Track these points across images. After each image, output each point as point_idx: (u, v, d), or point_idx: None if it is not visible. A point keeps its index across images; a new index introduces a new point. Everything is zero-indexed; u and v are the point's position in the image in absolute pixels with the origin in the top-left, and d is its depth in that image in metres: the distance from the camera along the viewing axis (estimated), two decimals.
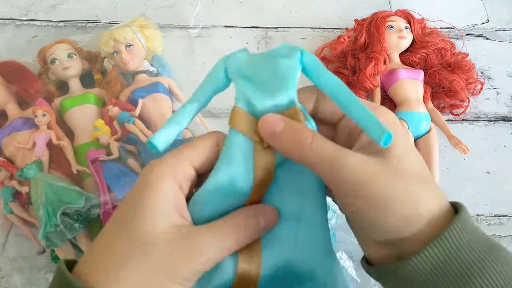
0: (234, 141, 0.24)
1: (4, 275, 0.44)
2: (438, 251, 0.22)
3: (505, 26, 0.67)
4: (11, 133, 0.48)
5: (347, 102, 0.23)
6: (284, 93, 0.24)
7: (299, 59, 0.24)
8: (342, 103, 0.24)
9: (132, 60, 0.52)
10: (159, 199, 0.22)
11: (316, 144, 0.23)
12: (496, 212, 0.50)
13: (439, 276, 0.22)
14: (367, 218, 0.23)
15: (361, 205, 0.22)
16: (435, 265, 0.22)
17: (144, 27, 0.55)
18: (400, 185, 0.22)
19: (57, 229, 0.41)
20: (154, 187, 0.23)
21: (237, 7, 0.66)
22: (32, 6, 0.64)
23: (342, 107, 0.23)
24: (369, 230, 0.24)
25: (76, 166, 0.46)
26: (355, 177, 0.22)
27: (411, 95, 0.54)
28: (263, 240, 0.26)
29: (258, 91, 0.24)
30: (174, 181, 0.23)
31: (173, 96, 0.54)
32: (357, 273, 0.45)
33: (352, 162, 0.22)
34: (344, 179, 0.22)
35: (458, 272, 0.21)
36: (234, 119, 0.24)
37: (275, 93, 0.24)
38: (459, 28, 0.65)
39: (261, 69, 0.24)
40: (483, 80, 0.59)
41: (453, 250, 0.22)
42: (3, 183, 0.45)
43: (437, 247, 0.22)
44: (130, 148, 0.48)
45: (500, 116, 0.58)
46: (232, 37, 0.62)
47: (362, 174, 0.22)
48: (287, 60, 0.24)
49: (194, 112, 0.26)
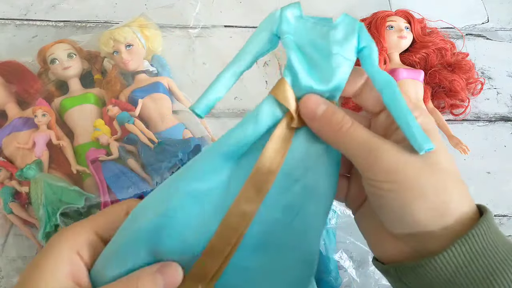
0: (266, 106, 0.25)
1: (4, 275, 0.44)
2: (465, 249, 0.22)
3: (505, 26, 0.66)
4: (11, 133, 0.48)
5: (393, 101, 0.24)
6: (331, 86, 0.24)
7: (355, 48, 0.24)
8: (387, 101, 0.24)
9: (132, 60, 0.52)
10: (53, 264, 0.23)
11: (354, 129, 0.23)
12: (496, 212, 0.50)
13: (462, 276, 0.22)
14: (397, 205, 0.23)
15: (394, 190, 0.22)
16: (460, 264, 0.22)
17: (144, 27, 0.55)
18: (434, 178, 0.22)
19: (57, 229, 0.41)
20: (51, 252, 0.24)
21: (237, 7, 0.66)
22: (32, 6, 0.64)
23: (389, 108, 0.24)
24: (396, 220, 0.24)
25: (76, 166, 0.46)
26: (391, 163, 0.22)
27: (411, 95, 0.54)
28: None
29: (308, 71, 0.24)
30: (72, 248, 0.24)
31: (173, 96, 0.54)
32: (357, 273, 0.45)
33: (389, 148, 0.23)
34: (379, 164, 0.22)
35: (482, 272, 0.21)
36: (277, 88, 0.25)
37: (323, 81, 0.24)
38: (459, 28, 0.65)
39: (315, 48, 0.24)
40: (483, 80, 0.59)
41: (479, 249, 0.22)
42: (3, 183, 0.45)
43: (464, 245, 0.22)
44: (130, 148, 0.48)
45: (500, 116, 0.57)
46: (232, 37, 0.62)
47: (397, 160, 0.22)
48: (342, 50, 0.24)
49: (235, 77, 0.26)
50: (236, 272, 0.26)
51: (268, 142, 0.25)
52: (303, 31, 0.25)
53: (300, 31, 0.25)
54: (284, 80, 0.24)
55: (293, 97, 0.24)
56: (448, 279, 0.22)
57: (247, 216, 0.25)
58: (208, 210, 0.25)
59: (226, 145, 0.25)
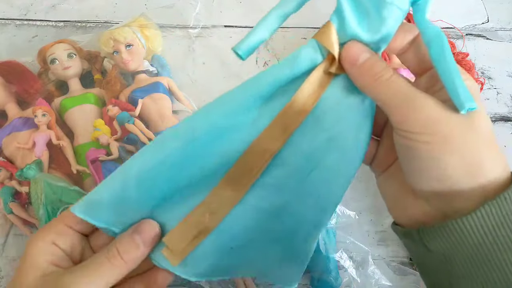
0: (307, 50, 0.25)
1: (4, 275, 0.44)
2: (495, 211, 0.21)
3: (505, 26, 0.66)
4: (11, 133, 0.48)
5: (440, 56, 0.23)
6: (378, 36, 0.24)
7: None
8: (434, 55, 0.23)
9: (132, 60, 0.52)
10: (33, 258, 0.26)
11: (394, 79, 0.23)
12: None
13: (490, 241, 0.21)
14: (431, 156, 0.22)
15: (430, 142, 0.22)
16: (489, 228, 0.21)
17: (144, 27, 0.55)
18: (472, 136, 0.22)
19: None
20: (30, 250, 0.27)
21: (237, 7, 0.66)
22: (32, 6, 0.64)
23: (436, 62, 0.23)
24: (426, 175, 0.23)
25: (76, 166, 0.46)
26: (430, 114, 0.22)
27: None
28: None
29: (358, 18, 0.24)
30: (47, 241, 0.27)
31: (173, 96, 0.54)
32: (357, 273, 0.45)
33: (429, 101, 0.22)
34: (418, 115, 0.22)
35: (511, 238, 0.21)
36: (323, 32, 0.25)
37: (371, 30, 0.24)
38: (459, 28, 0.65)
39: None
40: (483, 80, 0.59)
41: (510, 213, 0.21)
42: (2, 183, 0.45)
43: (496, 207, 0.21)
44: (130, 148, 0.48)
45: (500, 116, 0.57)
46: (232, 37, 0.62)
47: (437, 113, 0.22)
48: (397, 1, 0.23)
49: (280, 20, 0.26)
50: (247, 210, 0.27)
51: (304, 84, 0.25)
52: None
53: None
54: (330, 24, 0.24)
55: (337, 42, 0.24)
56: (474, 243, 0.21)
57: (267, 153, 0.25)
58: (232, 144, 0.26)
59: (259, 85, 0.25)
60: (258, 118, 0.26)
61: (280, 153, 0.26)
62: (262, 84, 0.25)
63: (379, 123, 0.25)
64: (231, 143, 0.26)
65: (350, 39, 0.24)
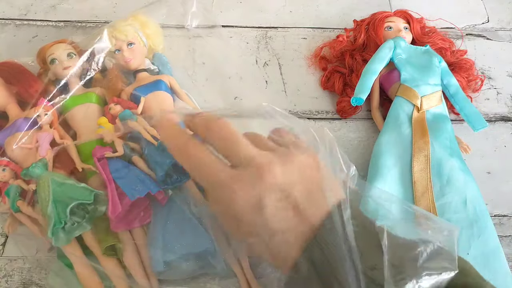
0: (400, 106, 0.51)
1: (4, 275, 0.44)
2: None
3: (505, 26, 0.67)
4: (14, 134, 0.47)
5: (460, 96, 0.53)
6: (434, 80, 0.52)
7: (439, 61, 0.54)
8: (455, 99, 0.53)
9: (134, 58, 0.52)
10: None
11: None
12: (496, 212, 0.50)
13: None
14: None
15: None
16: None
17: (145, 25, 0.55)
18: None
19: (65, 226, 0.40)
20: None
21: (237, 7, 0.66)
22: (32, 6, 0.64)
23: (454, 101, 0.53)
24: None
25: (81, 164, 0.46)
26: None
27: None
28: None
29: (417, 74, 0.52)
30: None
31: (174, 94, 0.54)
32: None
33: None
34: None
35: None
36: (402, 90, 0.51)
37: (429, 78, 0.52)
38: (459, 28, 0.65)
39: (417, 60, 0.54)
40: (483, 77, 0.59)
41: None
42: (8, 182, 0.45)
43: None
44: (134, 146, 0.48)
45: (500, 116, 0.58)
46: (232, 37, 0.63)
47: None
48: (434, 58, 0.54)
49: (376, 74, 0.53)
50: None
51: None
52: (408, 51, 0.55)
53: (407, 51, 0.55)
54: (403, 85, 0.54)
55: (414, 93, 0.52)
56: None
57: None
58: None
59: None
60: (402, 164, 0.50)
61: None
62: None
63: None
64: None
65: (420, 87, 0.53)
